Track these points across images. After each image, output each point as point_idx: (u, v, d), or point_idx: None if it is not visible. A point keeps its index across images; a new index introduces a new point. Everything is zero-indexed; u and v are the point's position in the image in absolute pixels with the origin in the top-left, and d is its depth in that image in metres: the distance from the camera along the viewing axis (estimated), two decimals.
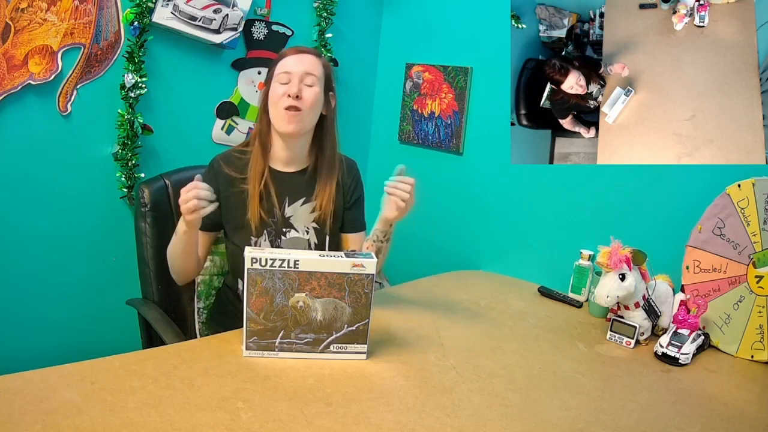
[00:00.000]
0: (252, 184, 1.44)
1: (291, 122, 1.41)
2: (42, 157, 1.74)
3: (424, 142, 2.37)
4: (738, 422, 1.22)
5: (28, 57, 1.63)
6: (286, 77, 1.41)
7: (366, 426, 1.06)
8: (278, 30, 2.15)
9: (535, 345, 1.51)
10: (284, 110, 1.40)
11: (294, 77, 1.41)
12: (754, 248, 1.52)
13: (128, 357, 1.19)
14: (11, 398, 1.00)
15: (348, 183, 1.57)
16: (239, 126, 2.13)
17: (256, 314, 1.24)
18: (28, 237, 1.77)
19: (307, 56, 1.45)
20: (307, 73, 1.42)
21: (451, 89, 2.25)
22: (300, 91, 1.40)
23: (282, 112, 1.41)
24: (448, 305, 1.72)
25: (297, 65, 1.42)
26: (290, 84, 1.41)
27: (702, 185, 1.63)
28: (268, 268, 1.21)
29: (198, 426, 0.99)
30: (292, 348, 1.28)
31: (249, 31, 2.08)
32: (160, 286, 1.63)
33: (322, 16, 2.25)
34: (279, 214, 1.47)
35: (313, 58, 1.46)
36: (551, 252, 2.03)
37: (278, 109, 1.42)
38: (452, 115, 2.26)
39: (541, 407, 1.19)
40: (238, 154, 1.50)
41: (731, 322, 1.56)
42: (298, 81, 1.41)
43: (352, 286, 1.25)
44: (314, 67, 1.44)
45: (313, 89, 1.43)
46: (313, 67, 1.44)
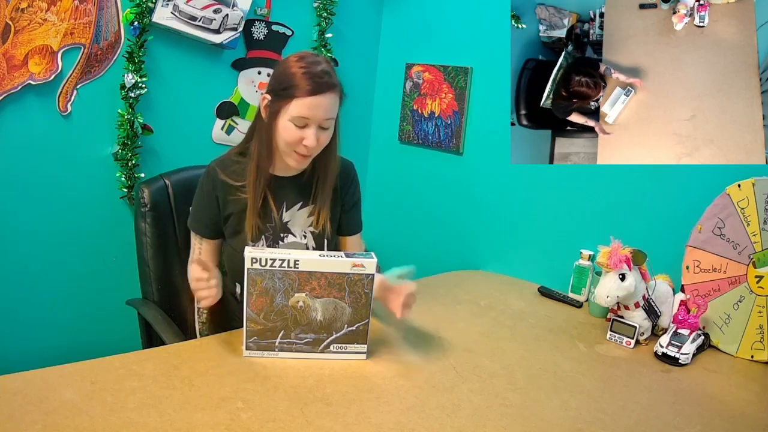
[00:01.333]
0: (251, 197, 1.40)
1: (301, 163, 1.37)
2: (42, 157, 1.74)
3: (424, 142, 2.37)
4: (738, 422, 1.22)
5: (28, 57, 1.63)
6: (303, 122, 1.29)
7: (366, 426, 1.06)
8: (278, 30, 2.15)
9: (535, 345, 1.51)
10: (296, 152, 1.34)
11: (312, 123, 1.30)
12: (754, 248, 1.52)
13: (128, 357, 1.20)
14: (11, 398, 1.00)
15: (345, 186, 1.55)
16: (239, 126, 2.13)
17: (256, 314, 1.24)
18: (28, 237, 1.77)
19: (327, 98, 1.29)
20: (327, 119, 1.31)
21: (451, 89, 2.25)
22: (317, 139, 1.31)
23: (293, 153, 1.35)
24: (448, 305, 1.72)
25: (318, 113, 1.29)
26: (308, 133, 1.30)
27: (702, 185, 1.63)
28: (268, 268, 1.21)
29: (198, 426, 0.99)
30: (292, 348, 1.28)
31: (249, 31, 2.08)
32: (160, 286, 1.63)
33: (322, 16, 2.25)
34: (276, 219, 1.46)
35: (333, 97, 1.31)
36: (551, 252, 2.03)
37: (290, 149, 1.34)
38: (452, 115, 2.26)
39: (541, 407, 1.19)
40: (235, 158, 1.46)
41: (731, 322, 1.56)
42: (315, 128, 1.30)
43: (352, 286, 1.25)
44: (333, 108, 1.32)
45: (329, 131, 1.35)
46: (333, 109, 1.32)
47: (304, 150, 1.33)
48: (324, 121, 1.31)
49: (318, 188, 1.47)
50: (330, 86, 1.30)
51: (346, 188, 1.54)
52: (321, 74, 1.29)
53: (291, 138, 1.31)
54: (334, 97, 1.32)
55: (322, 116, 1.30)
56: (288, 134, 1.31)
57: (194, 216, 1.47)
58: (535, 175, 2.05)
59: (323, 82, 1.29)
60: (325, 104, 1.30)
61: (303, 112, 1.29)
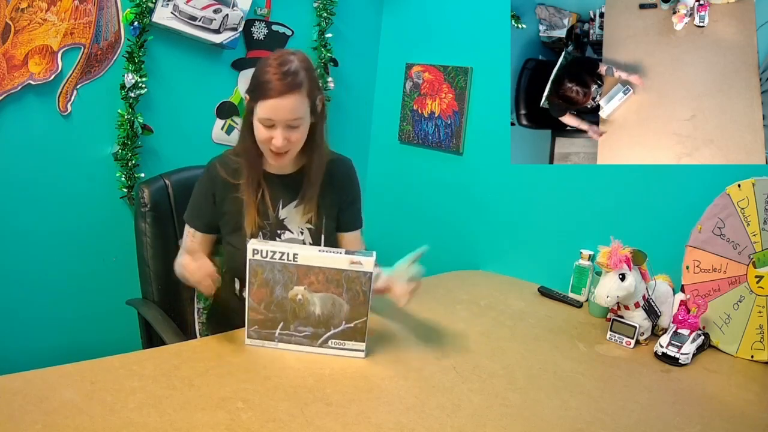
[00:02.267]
0: (247, 194, 1.43)
1: (278, 160, 1.39)
2: (42, 157, 1.74)
3: (424, 142, 2.37)
4: (738, 422, 1.22)
5: (28, 57, 1.63)
6: (269, 122, 1.32)
7: (366, 426, 1.06)
8: (278, 30, 2.15)
9: (535, 345, 1.51)
10: (270, 151, 1.37)
11: (278, 124, 1.32)
12: (754, 248, 1.52)
13: (128, 357, 1.20)
14: (11, 398, 1.00)
15: (342, 183, 1.55)
16: (239, 126, 2.13)
17: (257, 304, 1.27)
18: (28, 237, 1.77)
19: (290, 99, 1.30)
20: (292, 119, 1.32)
21: (451, 89, 2.25)
22: (286, 138, 1.33)
23: (268, 152, 1.38)
24: (448, 305, 1.72)
25: (281, 114, 1.31)
26: (275, 133, 1.32)
27: (702, 185, 1.63)
28: (269, 260, 1.24)
29: (198, 426, 0.99)
30: (291, 340, 1.30)
31: (249, 31, 2.08)
32: (160, 286, 1.63)
33: (322, 16, 2.25)
34: (273, 216, 1.47)
35: (296, 98, 1.31)
36: (551, 252, 2.03)
37: (264, 148, 1.37)
38: (452, 115, 2.26)
39: (541, 407, 1.19)
40: (234, 157, 1.48)
41: (731, 322, 1.56)
42: (282, 129, 1.32)
43: (349, 283, 1.25)
44: (299, 108, 1.32)
45: (299, 130, 1.35)
46: (298, 110, 1.32)
47: (275, 149, 1.35)
48: (290, 121, 1.33)
49: (305, 184, 1.47)
50: (293, 87, 1.30)
51: (342, 185, 1.54)
52: (285, 75, 1.30)
53: (262, 137, 1.35)
54: (299, 98, 1.32)
55: (285, 117, 1.31)
56: (259, 134, 1.35)
57: (191, 210, 1.49)
58: (535, 175, 2.05)
59: (286, 83, 1.30)
60: (288, 106, 1.30)
61: (268, 114, 1.31)
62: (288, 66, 1.31)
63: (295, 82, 1.31)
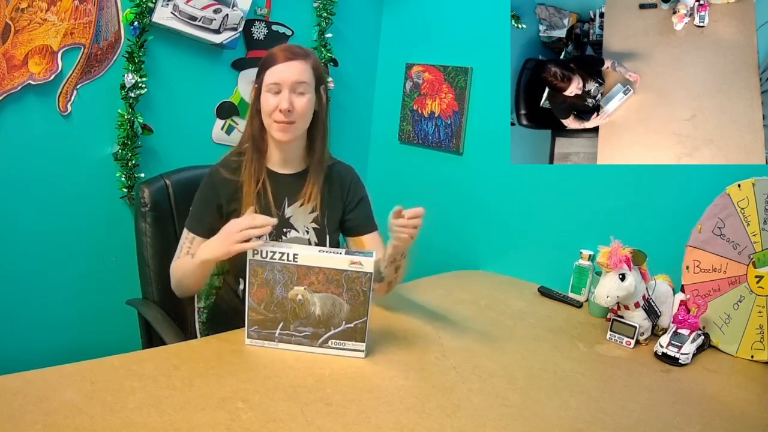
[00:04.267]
0: (247, 184, 1.44)
1: (284, 132, 1.41)
2: (42, 157, 1.74)
3: (424, 142, 2.37)
4: (738, 422, 1.22)
5: (28, 57, 1.63)
6: (276, 87, 1.38)
7: (366, 426, 1.06)
8: (278, 30, 2.15)
9: (535, 345, 1.51)
10: (276, 123, 1.40)
11: (284, 88, 1.38)
12: (754, 248, 1.52)
13: (128, 357, 1.20)
14: (11, 398, 1.00)
15: (345, 187, 1.56)
16: (239, 126, 2.13)
17: (257, 304, 1.27)
18: (28, 237, 1.77)
19: (295, 63, 1.39)
20: (297, 82, 1.39)
21: (451, 89, 2.25)
22: (291, 103, 1.38)
23: (275, 124, 1.40)
24: (448, 305, 1.72)
25: (287, 75, 1.38)
26: (281, 96, 1.38)
27: (702, 185, 1.63)
28: (269, 260, 1.25)
29: (198, 426, 0.99)
30: (291, 340, 1.30)
31: (249, 31, 2.08)
32: (160, 286, 1.63)
33: (322, 16, 2.25)
34: (277, 214, 1.47)
35: (302, 63, 1.40)
36: (551, 252, 2.03)
37: (270, 120, 1.41)
38: (452, 115, 2.26)
39: (541, 407, 1.19)
40: (235, 157, 1.50)
41: (731, 322, 1.56)
42: (288, 92, 1.38)
43: (350, 283, 1.25)
44: (304, 73, 1.40)
45: (304, 97, 1.40)
46: (303, 74, 1.40)
47: (281, 116, 1.39)
48: (296, 84, 1.39)
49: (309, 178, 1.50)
50: (299, 54, 1.41)
51: (345, 188, 1.56)
52: (291, 46, 1.44)
53: (268, 108, 1.40)
54: (305, 65, 1.41)
55: (292, 79, 1.38)
56: (266, 104, 1.40)
57: (193, 215, 1.49)
58: (535, 175, 2.05)
59: (292, 51, 1.42)
60: (294, 68, 1.39)
61: (274, 78, 1.39)
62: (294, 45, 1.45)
63: (300, 51, 1.43)
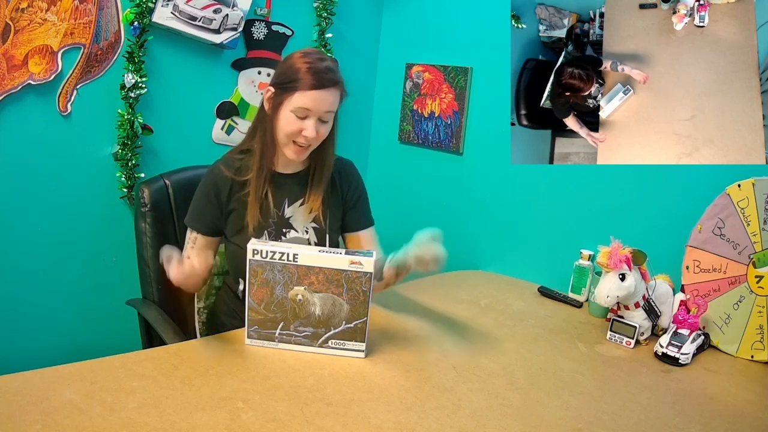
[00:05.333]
0: (253, 188, 1.43)
1: (299, 155, 1.40)
2: (42, 157, 1.74)
3: (424, 142, 2.37)
4: (738, 422, 1.22)
5: (28, 57, 1.63)
6: (304, 113, 1.34)
7: (366, 426, 1.06)
8: (278, 30, 2.15)
9: (535, 345, 1.51)
10: (294, 144, 1.38)
11: (313, 115, 1.35)
12: (754, 248, 1.52)
13: (128, 357, 1.20)
14: (11, 398, 1.00)
15: (345, 183, 1.55)
16: (239, 126, 2.13)
17: (257, 304, 1.27)
18: (28, 237, 1.77)
19: (330, 93, 1.35)
20: (328, 112, 1.37)
21: (451, 89, 2.25)
22: (317, 131, 1.36)
23: (292, 145, 1.39)
24: (448, 305, 1.72)
25: (319, 105, 1.34)
26: (307, 124, 1.35)
27: (702, 185, 1.63)
28: (269, 260, 1.25)
29: (198, 426, 0.99)
30: (291, 340, 1.30)
31: (249, 31, 2.08)
32: (160, 286, 1.63)
33: (322, 16, 2.25)
34: (277, 215, 1.47)
35: (335, 93, 1.37)
36: (551, 252, 2.03)
37: (288, 140, 1.38)
38: (452, 115, 2.26)
39: (541, 407, 1.19)
40: (238, 156, 1.49)
41: (731, 322, 1.56)
42: (315, 121, 1.35)
43: (350, 283, 1.25)
44: (334, 103, 1.37)
45: (327, 125, 1.39)
46: (334, 104, 1.38)
47: (303, 141, 1.37)
48: (324, 114, 1.37)
49: (314, 179, 1.48)
50: (333, 82, 1.36)
51: (345, 185, 1.55)
52: (325, 70, 1.35)
53: (291, 129, 1.36)
54: (336, 93, 1.38)
55: (323, 109, 1.35)
56: (289, 125, 1.36)
57: (192, 213, 1.48)
58: (535, 175, 2.05)
59: (327, 78, 1.35)
60: (327, 98, 1.35)
61: (306, 104, 1.34)
62: (325, 63, 1.37)
63: (335, 78, 1.37)
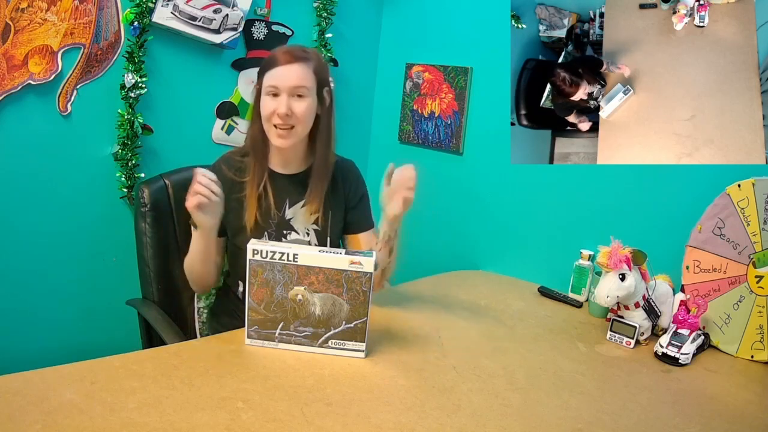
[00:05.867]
0: (250, 188, 1.43)
1: (283, 138, 1.39)
2: (42, 157, 1.74)
3: (424, 142, 2.37)
4: (738, 422, 1.22)
5: (28, 57, 1.63)
6: (274, 90, 1.36)
7: (366, 426, 1.06)
8: (278, 30, 2.15)
9: (535, 345, 1.51)
10: (275, 127, 1.38)
11: (283, 92, 1.35)
12: (754, 248, 1.52)
13: (128, 357, 1.19)
14: (11, 398, 1.00)
15: (347, 185, 1.55)
16: (239, 126, 2.13)
17: (257, 304, 1.27)
18: (28, 237, 1.77)
19: (295, 67, 1.36)
20: (296, 86, 1.36)
21: (451, 89, 2.25)
22: (290, 107, 1.35)
23: (273, 129, 1.38)
24: (448, 305, 1.72)
25: (285, 78, 1.35)
26: (279, 100, 1.35)
27: (702, 185, 1.63)
28: (269, 260, 1.24)
29: (198, 426, 0.99)
30: (291, 340, 1.30)
31: (249, 31, 2.08)
32: (160, 286, 1.63)
33: (322, 16, 2.25)
34: (277, 216, 1.47)
35: (302, 67, 1.36)
36: (551, 252, 2.03)
37: (269, 125, 1.38)
38: (452, 115, 2.26)
39: (541, 407, 1.19)
40: (239, 157, 1.49)
41: (731, 322, 1.56)
42: (287, 96, 1.35)
43: (350, 283, 1.25)
44: (304, 77, 1.36)
45: (304, 101, 1.37)
46: (303, 78, 1.36)
47: (278, 120, 1.36)
48: (296, 89, 1.36)
49: (315, 180, 1.48)
50: (299, 58, 1.37)
51: (348, 185, 1.55)
52: (291, 49, 1.39)
53: (267, 111, 1.37)
54: (305, 68, 1.37)
55: (290, 84, 1.35)
56: (264, 108, 1.38)
57: None
58: (535, 175, 2.05)
59: (292, 54, 1.37)
60: (292, 73, 1.35)
61: (272, 82, 1.36)
62: (297, 47, 1.41)
63: (302, 54, 1.38)
